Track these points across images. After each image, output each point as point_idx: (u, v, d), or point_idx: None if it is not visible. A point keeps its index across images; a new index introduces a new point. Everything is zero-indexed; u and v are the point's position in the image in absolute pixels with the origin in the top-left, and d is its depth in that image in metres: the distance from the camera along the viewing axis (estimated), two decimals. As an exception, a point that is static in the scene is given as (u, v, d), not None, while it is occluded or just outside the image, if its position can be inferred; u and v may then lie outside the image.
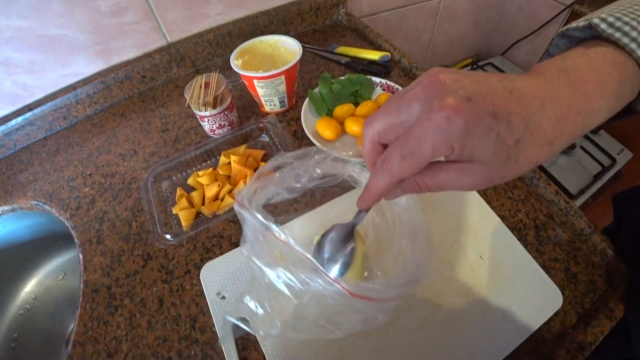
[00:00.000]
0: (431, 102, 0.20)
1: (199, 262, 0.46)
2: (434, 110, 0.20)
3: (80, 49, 0.63)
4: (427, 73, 0.22)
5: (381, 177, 0.23)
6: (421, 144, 0.20)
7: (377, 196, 0.25)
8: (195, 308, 0.42)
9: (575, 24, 0.27)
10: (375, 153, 0.25)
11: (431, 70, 0.22)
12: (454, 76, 0.21)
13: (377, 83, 0.62)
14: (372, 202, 0.26)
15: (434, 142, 0.20)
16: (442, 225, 0.46)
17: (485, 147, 0.20)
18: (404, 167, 0.22)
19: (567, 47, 0.29)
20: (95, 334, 0.42)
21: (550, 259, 0.44)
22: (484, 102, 0.20)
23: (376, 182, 0.24)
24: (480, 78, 0.21)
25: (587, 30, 0.26)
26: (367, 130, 0.24)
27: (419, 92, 0.21)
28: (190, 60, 0.73)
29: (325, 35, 0.81)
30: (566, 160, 0.99)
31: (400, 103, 0.22)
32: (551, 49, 0.32)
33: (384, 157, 0.23)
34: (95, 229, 0.51)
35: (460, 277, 0.42)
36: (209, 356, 0.39)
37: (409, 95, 0.22)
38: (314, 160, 0.35)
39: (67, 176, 0.60)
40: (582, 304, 0.41)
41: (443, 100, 0.20)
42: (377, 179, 0.24)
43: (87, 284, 0.46)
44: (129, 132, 0.65)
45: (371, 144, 0.25)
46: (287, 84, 0.56)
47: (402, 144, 0.21)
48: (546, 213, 0.49)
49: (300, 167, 0.34)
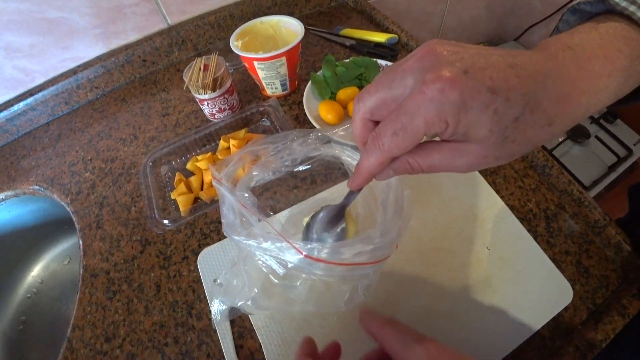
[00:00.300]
0: (425, 75, 0.19)
1: (197, 248, 0.45)
2: (427, 83, 0.18)
3: (79, 32, 0.62)
4: (424, 44, 0.21)
5: (372, 155, 0.22)
6: (414, 118, 0.19)
7: (368, 175, 0.24)
8: (192, 294, 0.41)
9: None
10: (366, 131, 0.23)
11: (429, 41, 0.21)
12: (452, 48, 0.20)
13: (383, 66, 0.59)
14: (363, 182, 0.25)
15: (426, 117, 0.19)
16: (447, 213, 0.44)
17: (481, 124, 0.19)
18: (396, 143, 0.20)
19: (578, 23, 0.27)
20: (94, 319, 0.42)
21: (561, 251, 0.42)
22: (482, 76, 0.18)
23: (367, 160, 0.22)
24: (481, 51, 0.20)
25: (599, 4, 0.24)
26: (358, 107, 0.23)
27: (413, 64, 0.20)
28: (191, 43, 0.71)
29: (331, 17, 0.78)
30: (580, 150, 0.96)
31: (393, 76, 0.21)
32: (561, 26, 0.30)
33: (375, 134, 0.21)
34: (95, 214, 0.51)
35: (464, 268, 0.40)
36: (205, 343, 0.38)
37: (402, 68, 0.20)
38: (296, 142, 0.33)
39: (69, 161, 0.59)
40: (593, 299, 0.39)
41: (438, 72, 0.18)
42: (368, 158, 0.22)
43: (87, 268, 0.46)
44: (130, 117, 0.64)
45: (362, 121, 0.23)
46: (288, 66, 0.54)
47: (394, 120, 0.20)
48: (558, 203, 0.46)
49: (283, 150, 0.33)
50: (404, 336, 0.25)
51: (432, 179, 0.47)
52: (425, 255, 0.41)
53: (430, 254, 0.41)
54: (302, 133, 0.36)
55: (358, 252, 0.25)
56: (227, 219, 0.30)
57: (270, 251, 0.26)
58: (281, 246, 0.26)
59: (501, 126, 0.19)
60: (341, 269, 0.25)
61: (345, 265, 0.25)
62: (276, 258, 0.27)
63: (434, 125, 0.19)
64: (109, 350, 0.39)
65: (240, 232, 0.28)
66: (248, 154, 0.35)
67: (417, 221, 0.43)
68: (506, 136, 0.19)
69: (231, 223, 0.29)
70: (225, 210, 0.30)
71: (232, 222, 0.29)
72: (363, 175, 0.24)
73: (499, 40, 1.35)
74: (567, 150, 0.96)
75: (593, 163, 0.93)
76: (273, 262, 0.27)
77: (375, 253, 0.26)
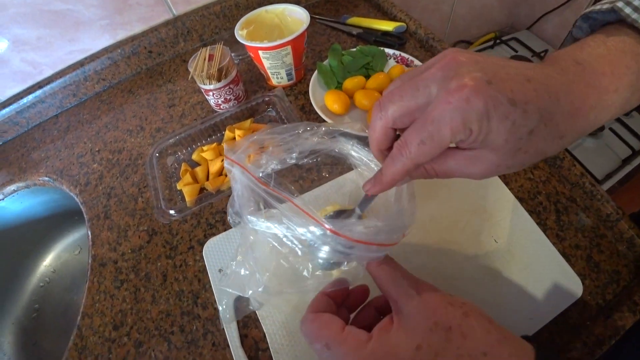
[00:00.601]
0: (449, 83, 0.19)
1: (202, 238, 0.45)
2: (452, 92, 0.19)
3: (86, 24, 0.62)
4: (443, 53, 0.21)
5: (399, 163, 0.22)
6: (440, 127, 0.19)
7: (391, 182, 0.24)
8: (198, 284, 0.42)
9: (599, 6, 0.25)
10: (386, 139, 0.23)
11: (447, 50, 0.21)
12: (472, 57, 0.20)
13: (390, 55, 0.58)
14: (385, 188, 0.25)
15: (452, 125, 0.19)
16: (455, 205, 0.44)
17: (499, 134, 0.19)
18: (423, 151, 0.21)
19: (591, 30, 0.28)
20: (102, 307, 0.43)
21: (571, 245, 0.41)
22: (504, 87, 0.19)
23: (393, 167, 0.23)
24: (499, 62, 0.20)
25: (610, 14, 0.25)
26: (380, 115, 0.23)
27: (436, 73, 0.20)
28: (197, 33, 0.71)
29: (338, 5, 0.76)
30: (593, 143, 0.93)
31: (416, 85, 0.21)
32: (574, 32, 0.30)
33: (402, 143, 0.21)
34: (102, 205, 0.52)
35: (471, 261, 0.40)
36: (210, 332, 0.39)
37: (425, 76, 0.21)
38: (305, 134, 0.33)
39: (77, 153, 0.60)
40: (603, 295, 0.38)
41: (462, 80, 0.19)
42: (394, 165, 0.22)
43: (95, 258, 0.47)
44: (136, 108, 0.64)
45: (383, 129, 0.23)
46: (294, 55, 0.53)
47: (421, 128, 0.20)
48: (569, 196, 0.45)
49: (292, 141, 0.33)
50: (399, 278, 0.25)
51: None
52: (432, 247, 0.41)
53: (437, 246, 0.41)
54: (310, 125, 0.36)
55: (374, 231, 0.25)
56: (240, 200, 0.29)
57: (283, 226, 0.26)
58: (296, 220, 0.25)
59: (516, 137, 0.19)
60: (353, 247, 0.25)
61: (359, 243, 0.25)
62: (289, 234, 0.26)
63: (459, 132, 0.19)
64: (117, 338, 0.40)
65: (254, 213, 0.28)
66: (257, 142, 0.34)
67: (424, 213, 0.43)
68: (519, 147, 0.20)
69: (245, 203, 0.29)
70: (240, 188, 0.30)
71: (245, 202, 0.29)
72: (386, 182, 0.24)
73: (510, 29, 1.32)
74: (580, 143, 0.93)
75: (607, 156, 0.91)
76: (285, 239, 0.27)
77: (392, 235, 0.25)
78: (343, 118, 0.53)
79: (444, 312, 0.23)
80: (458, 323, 0.22)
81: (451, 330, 0.22)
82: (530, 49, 1.13)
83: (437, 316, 0.23)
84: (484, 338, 0.22)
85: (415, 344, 0.22)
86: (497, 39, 1.15)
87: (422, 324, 0.22)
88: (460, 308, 0.23)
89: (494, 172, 0.22)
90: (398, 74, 0.55)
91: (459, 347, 0.21)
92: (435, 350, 0.21)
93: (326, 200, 0.45)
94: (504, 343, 0.22)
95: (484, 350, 0.21)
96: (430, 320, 0.22)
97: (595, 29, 0.27)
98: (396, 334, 0.23)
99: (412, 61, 0.57)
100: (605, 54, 0.23)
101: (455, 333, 0.22)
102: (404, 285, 0.25)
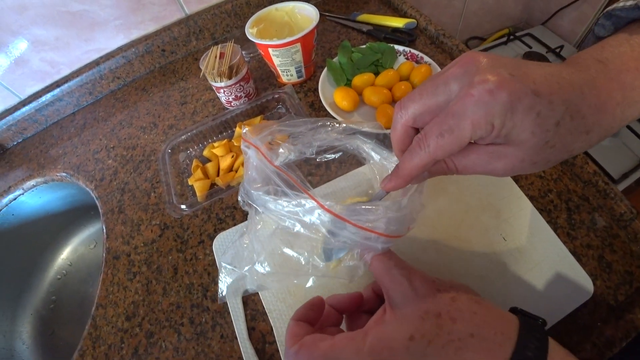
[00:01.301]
0: (472, 77, 0.19)
1: (212, 232, 0.46)
2: (474, 85, 0.19)
3: (101, 24, 0.64)
4: (462, 55, 0.21)
5: (416, 157, 0.22)
6: (461, 120, 0.19)
7: (408, 178, 0.24)
8: (207, 277, 0.43)
9: (622, 3, 0.25)
10: (406, 138, 0.23)
11: (467, 52, 0.21)
12: (491, 56, 0.20)
13: (400, 52, 0.58)
14: (401, 184, 0.25)
15: (474, 118, 0.19)
16: (463, 202, 0.43)
17: (524, 127, 0.19)
18: (442, 145, 0.20)
19: (614, 28, 0.27)
20: (116, 298, 0.44)
21: (582, 244, 0.41)
22: (527, 80, 0.19)
23: (410, 162, 0.22)
24: (519, 61, 0.20)
25: (635, 11, 0.24)
26: (400, 114, 0.23)
27: (456, 71, 0.20)
28: (209, 32, 0.72)
29: (348, 2, 0.76)
30: (609, 141, 0.91)
31: (436, 83, 0.21)
32: (597, 30, 0.30)
33: (421, 136, 0.21)
34: (117, 199, 0.53)
35: (480, 258, 0.40)
36: (218, 324, 0.39)
37: (446, 75, 0.21)
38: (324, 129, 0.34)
39: (93, 149, 0.62)
40: (615, 295, 0.37)
41: (484, 75, 0.19)
42: (411, 159, 0.22)
43: (109, 251, 0.48)
44: (150, 106, 0.65)
45: (403, 127, 0.23)
46: (303, 53, 0.54)
47: (441, 122, 0.20)
48: (581, 195, 0.44)
49: (310, 135, 0.33)
50: (392, 267, 0.25)
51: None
52: (439, 244, 0.41)
53: (445, 243, 0.41)
54: (330, 121, 0.36)
55: (375, 217, 0.25)
56: (249, 177, 0.30)
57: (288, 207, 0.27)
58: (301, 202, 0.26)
59: (543, 129, 0.19)
60: (353, 233, 0.25)
61: (359, 228, 0.25)
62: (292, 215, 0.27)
63: (480, 127, 0.19)
64: (129, 328, 0.41)
65: (258, 188, 0.29)
66: (275, 131, 0.35)
67: (432, 209, 0.43)
68: (547, 140, 0.19)
69: (252, 180, 0.30)
70: (251, 171, 0.30)
71: (253, 179, 0.30)
72: (403, 177, 0.24)
73: (525, 24, 1.29)
74: (596, 141, 0.91)
75: (623, 154, 0.88)
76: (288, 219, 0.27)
77: (389, 226, 0.25)
78: (352, 115, 0.53)
79: (432, 299, 0.23)
80: (447, 309, 0.23)
81: (441, 317, 0.22)
82: (545, 45, 1.10)
83: (427, 304, 0.23)
84: (471, 319, 0.22)
85: (408, 334, 0.22)
86: (510, 35, 1.13)
87: (414, 313, 0.23)
88: (447, 293, 0.24)
89: (517, 169, 0.21)
90: (408, 71, 0.55)
91: (449, 332, 0.22)
92: (428, 338, 0.22)
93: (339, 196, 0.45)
94: (490, 322, 0.23)
95: (471, 331, 0.22)
96: (421, 309, 0.23)
97: (619, 26, 0.26)
98: (390, 326, 0.23)
99: (422, 58, 0.56)
100: (629, 51, 0.22)
101: (444, 319, 0.22)
102: (396, 274, 0.25)
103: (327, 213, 0.25)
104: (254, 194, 0.29)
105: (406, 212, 0.26)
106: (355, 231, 0.25)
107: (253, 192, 0.29)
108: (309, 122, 0.35)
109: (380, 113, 0.49)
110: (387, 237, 0.25)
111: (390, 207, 0.25)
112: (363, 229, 0.25)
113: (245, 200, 0.30)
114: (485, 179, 0.45)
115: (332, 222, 0.25)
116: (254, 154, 0.31)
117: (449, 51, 0.61)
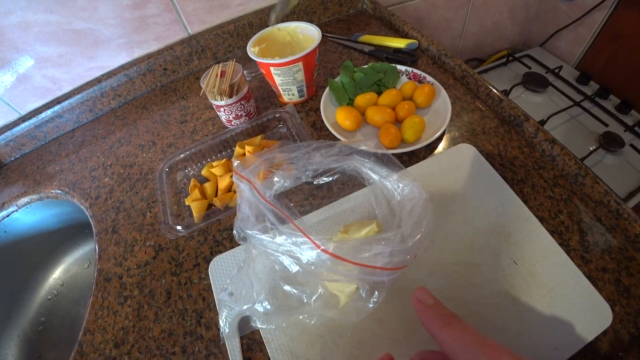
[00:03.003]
0: None
1: (209, 255, 0.44)
2: None
3: (104, 43, 0.64)
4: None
5: None
6: None
7: None
8: (202, 303, 0.41)
9: None
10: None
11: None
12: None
13: (403, 71, 0.58)
14: None
15: None
16: (471, 225, 0.42)
17: None
18: None
19: None
20: (105, 323, 0.42)
21: (597, 268, 0.39)
22: None
23: None
24: None
25: None
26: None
27: None
28: (211, 52, 0.72)
29: (349, 24, 0.78)
30: (613, 159, 0.90)
31: None
32: None
33: None
34: (111, 219, 0.52)
35: (490, 284, 0.37)
36: (212, 354, 0.37)
37: None
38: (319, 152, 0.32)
39: (90, 166, 0.61)
40: (635, 322, 0.35)
41: None
42: None
43: (101, 272, 0.46)
44: (149, 124, 0.65)
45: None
46: (305, 72, 0.53)
47: None
48: (592, 215, 0.43)
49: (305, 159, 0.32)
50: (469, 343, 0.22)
51: (455, 188, 0.45)
52: (448, 269, 0.39)
53: (453, 267, 0.39)
54: (324, 143, 0.35)
55: (376, 253, 0.23)
56: (244, 216, 0.29)
57: (284, 246, 0.25)
58: (297, 241, 0.24)
59: None
60: (356, 270, 0.24)
61: (360, 266, 0.23)
62: (290, 255, 0.25)
63: None
64: (117, 356, 0.39)
65: (253, 227, 0.27)
66: (268, 160, 0.34)
67: (439, 232, 0.41)
68: None
69: (246, 217, 0.28)
70: (246, 204, 0.29)
71: (246, 216, 0.28)
72: None
73: (523, 46, 1.31)
74: (600, 160, 0.90)
75: (628, 173, 0.87)
76: (286, 259, 0.26)
77: (392, 258, 0.24)
78: (355, 134, 0.52)
79: None
80: None
81: None
82: (544, 66, 1.11)
83: None
84: None
85: None
86: (509, 56, 1.14)
87: None
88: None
89: None
90: (411, 90, 0.54)
91: None
92: None
93: (339, 220, 0.44)
94: None
95: None
96: None
97: None
98: None
99: (424, 77, 0.56)
100: None
101: None
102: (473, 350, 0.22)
103: (323, 253, 0.23)
104: (249, 233, 0.27)
105: (410, 243, 0.24)
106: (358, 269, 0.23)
107: (248, 232, 0.27)
108: (302, 146, 0.34)
109: (384, 132, 0.48)
110: (392, 270, 0.24)
111: (392, 239, 0.24)
112: (365, 266, 0.23)
113: (240, 235, 0.29)
114: (493, 201, 0.43)
115: (332, 260, 0.24)
116: (247, 187, 0.30)
117: (450, 71, 0.61)
